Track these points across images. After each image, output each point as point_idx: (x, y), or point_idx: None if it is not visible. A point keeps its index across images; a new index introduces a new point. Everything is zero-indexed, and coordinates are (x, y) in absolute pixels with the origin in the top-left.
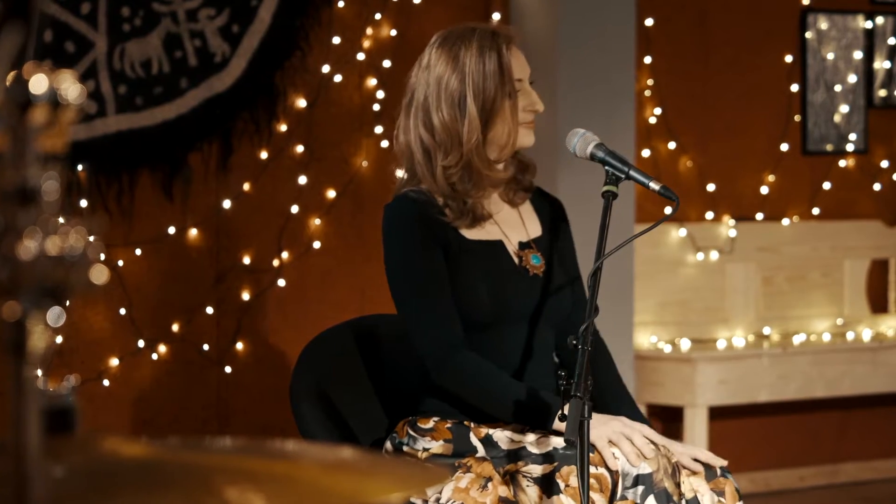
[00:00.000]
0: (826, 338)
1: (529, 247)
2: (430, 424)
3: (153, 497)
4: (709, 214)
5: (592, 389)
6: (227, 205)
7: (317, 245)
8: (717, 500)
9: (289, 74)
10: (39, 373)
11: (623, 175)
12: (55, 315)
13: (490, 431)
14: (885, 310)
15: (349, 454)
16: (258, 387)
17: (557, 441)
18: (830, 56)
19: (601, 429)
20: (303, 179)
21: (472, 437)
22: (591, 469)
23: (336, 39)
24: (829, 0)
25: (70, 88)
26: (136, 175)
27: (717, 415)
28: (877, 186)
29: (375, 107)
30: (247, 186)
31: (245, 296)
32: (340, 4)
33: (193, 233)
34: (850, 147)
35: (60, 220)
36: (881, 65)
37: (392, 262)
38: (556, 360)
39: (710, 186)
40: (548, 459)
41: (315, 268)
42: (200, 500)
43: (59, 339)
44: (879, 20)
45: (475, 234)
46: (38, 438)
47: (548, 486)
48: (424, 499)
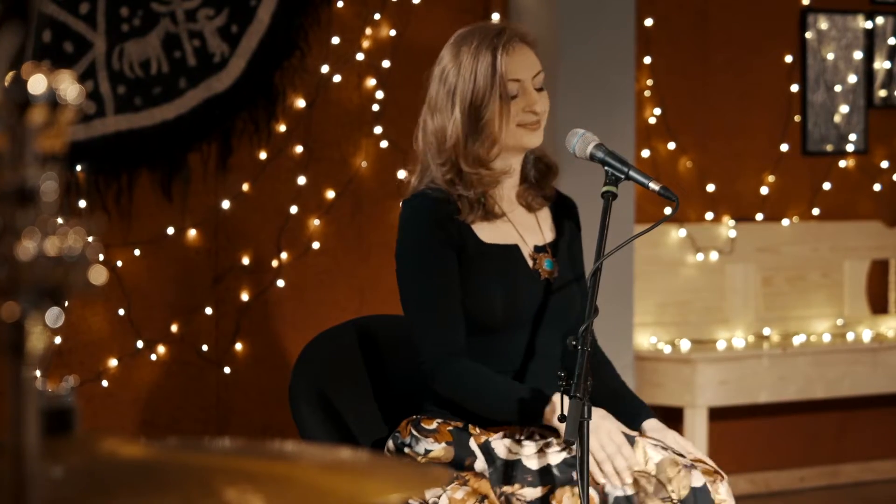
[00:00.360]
0: (826, 338)
1: (545, 251)
2: (434, 426)
3: (152, 498)
4: (709, 215)
5: (592, 390)
6: (227, 205)
7: (316, 245)
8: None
9: (288, 74)
10: (38, 373)
11: (623, 175)
12: (54, 315)
13: (489, 439)
14: (885, 310)
15: (348, 455)
16: (257, 387)
17: (554, 458)
18: (830, 56)
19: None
20: (302, 180)
21: (472, 443)
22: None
23: (335, 39)
24: (829, 0)
25: (69, 89)
26: (135, 175)
27: (717, 416)
28: (877, 187)
29: (375, 107)
30: (246, 187)
31: (244, 296)
32: (339, 4)
33: (192, 233)
34: (850, 147)
35: (59, 221)
36: (881, 65)
37: (403, 261)
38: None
39: (710, 187)
40: (543, 481)
41: (314, 268)
42: (199, 501)
43: (58, 340)
44: (879, 20)
45: (491, 237)
46: (37, 439)
47: None
48: (423, 500)
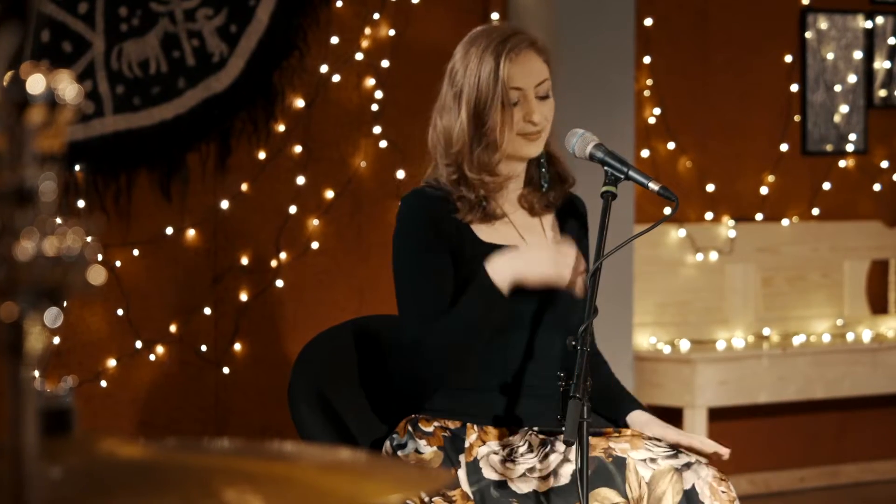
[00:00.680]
0: (826, 339)
1: None
2: (431, 428)
3: (151, 498)
4: (708, 215)
5: (591, 391)
6: (225, 205)
7: (315, 245)
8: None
9: (287, 74)
10: (37, 374)
11: (622, 175)
12: (52, 316)
13: (480, 456)
14: (885, 311)
15: (347, 455)
16: (256, 388)
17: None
18: (830, 56)
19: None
20: (301, 180)
21: (462, 458)
22: None
23: (334, 39)
24: (829, 0)
25: (67, 88)
26: (134, 175)
27: (717, 416)
28: (877, 187)
29: (374, 107)
30: (245, 187)
31: (243, 296)
32: (339, 4)
33: (191, 233)
34: (850, 147)
35: (58, 221)
36: (881, 65)
37: (396, 254)
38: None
39: (710, 187)
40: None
41: (313, 268)
42: (198, 502)
43: (57, 340)
44: (879, 20)
45: (490, 237)
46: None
47: None
48: (421, 501)
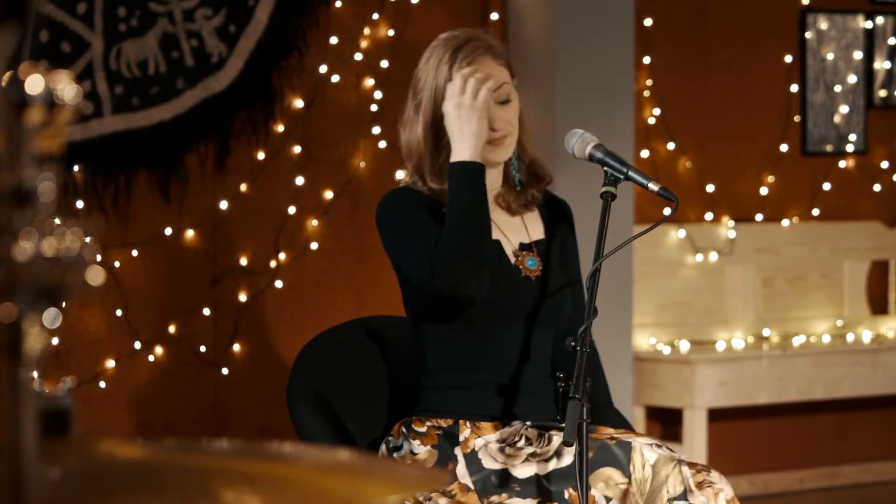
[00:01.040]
0: (826, 339)
1: (529, 249)
2: (424, 428)
3: (150, 499)
4: (708, 215)
5: (590, 391)
6: (224, 206)
7: (314, 246)
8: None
9: (286, 75)
10: (35, 374)
11: (622, 176)
12: (51, 316)
13: (477, 448)
14: (885, 311)
15: (346, 456)
16: (255, 388)
17: (545, 468)
18: (830, 56)
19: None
20: (300, 180)
21: (458, 450)
22: None
23: (333, 39)
24: (829, 0)
25: (66, 89)
26: (133, 176)
27: (717, 417)
28: (877, 187)
29: (373, 107)
30: (244, 187)
31: (242, 297)
32: (338, 4)
33: (190, 234)
34: (850, 148)
35: (56, 222)
36: (881, 65)
37: (384, 230)
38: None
39: (710, 187)
40: (533, 492)
41: (312, 269)
42: (197, 503)
43: (56, 341)
44: (879, 20)
45: None
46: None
47: None
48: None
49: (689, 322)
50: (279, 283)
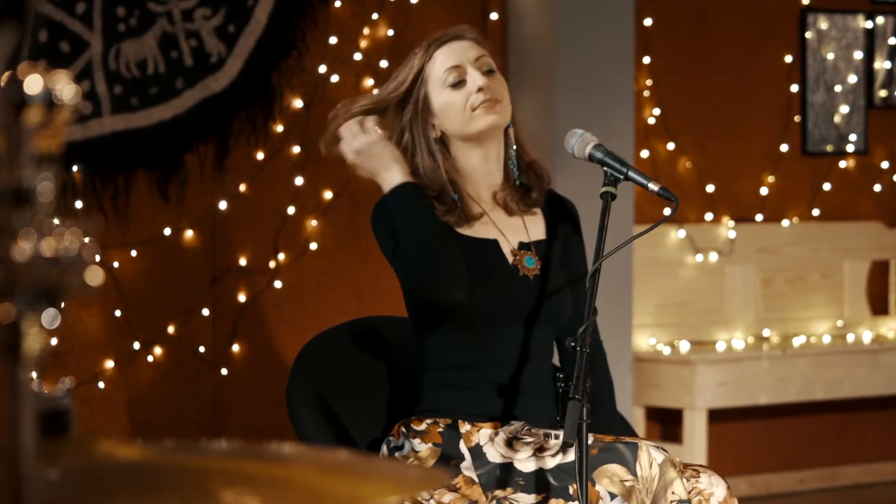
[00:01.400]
0: (826, 340)
1: (528, 248)
2: (423, 426)
3: (149, 500)
4: (708, 215)
5: (590, 392)
6: (223, 206)
7: (313, 246)
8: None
9: (285, 75)
10: (34, 375)
11: (622, 176)
12: (50, 317)
13: (481, 441)
14: (886, 311)
15: (346, 457)
16: (254, 389)
17: (548, 462)
18: (830, 56)
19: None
20: (299, 180)
21: (462, 445)
22: None
23: (333, 39)
24: (829, 0)
25: (65, 89)
26: (132, 176)
27: (717, 417)
28: (877, 187)
29: None
30: (243, 187)
31: (241, 297)
32: (337, 4)
33: (189, 234)
34: (851, 148)
35: (55, 222)
36: (881, 65)
37: (382, 234)
38: (558, 365)
39: (710, 187)
40: (536, 487)
41: (312, 269)
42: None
43: (54, 341)
44: (880, 20)
45: (470, 232)
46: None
47: None
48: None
49: (689, 322)
50: (278, 284)
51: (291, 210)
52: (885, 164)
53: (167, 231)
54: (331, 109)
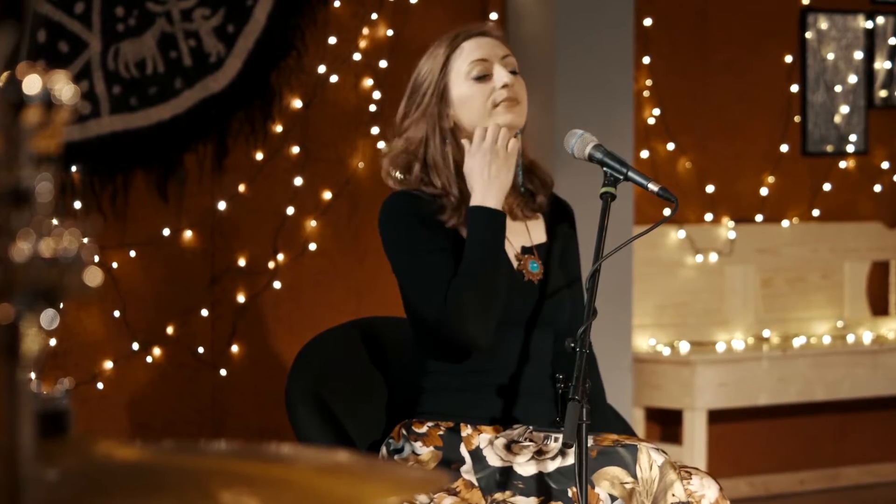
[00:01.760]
0: (826, 340)
1: (531, 252)
2: (424, 429)
3: (148, 500)
4: (708, 216)
5: (590, 392)
6: (223, 206)
7: (312, 247)
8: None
9: (284, 75)
10: (33, 375)
11: (621, 176)
12: (49, 317)
13: (482, 445)
14: (886, 312)
15: (345, 458)
16: (253, 390)
17: (548, 466)
18: (830, 56)
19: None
20: (298, 180)
21: (462, 448)
22: None
23: (332, 39)
24: (829, 0)
25: (64, 89)
26: (131, 176)
27: (717, 418)
28: (877, 188)
29: (372, 107)
30: (242, 188)
31: (240, 298)
32: (336, 4)
33: (188, 234)
34: (851, 148)
35: (54, 222)
36: (882, 65)
37: (391, 248)
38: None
39: (710, 188)
40: (536, 490)
41: (311, 269)
42: None
43: (53, 342)
44: (880, 20)
45: None
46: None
47: None
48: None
49: (689, 323)
50: (277, 284)
51: (290, 210)
52: (886, 165)
53: (166, 231)
54: (330, 109)
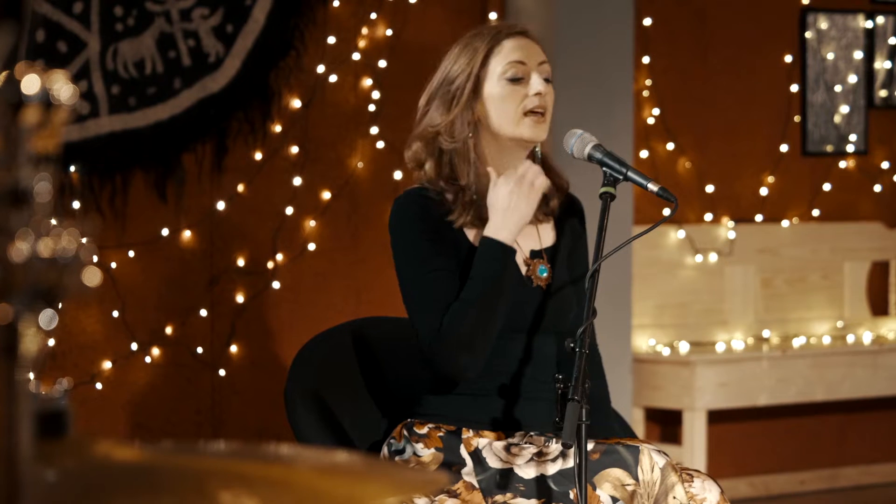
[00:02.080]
0: (826, 340)
1: (540, 256)
2: (425, 430)
3: (147, 501)
4: (708, 216)
5: (590, 393)
6: (222, 206)
7: (312, 247)
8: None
9: (283, 74)
10: (32, 376)
11: (621, 176)
12: (48, 318)
13: (481, 447)
14: (886, 312)
15: (344, 458)
16: (253, 390)
17: (549, 468)
18: (830, 56)
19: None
20: (297, 181)
21: (462, 450)
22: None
23: (331, 39)
24: (829, 0)
25: (62, 89)
26: (130, 176)
27: (716, 418)
28: (877, 188)
29: (371, 107)
30: (241, 188)
31: (239, 298)
32: (335, 4)
33: (187, 234)
34: (851, 148)
35: (53, 222)
36: (881, 65)
37: (400, 263)
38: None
39: (709, 188)
40: (537, 492)
41: (310, 270)
42: None
43: (52, 342)
44: (880, 20)
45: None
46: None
47: None
48: None
49: (689, 323)
50: (277, 285)
51: (290, 210)
52: (886, 165)
53: (165, 231)
54: (329, 109)
